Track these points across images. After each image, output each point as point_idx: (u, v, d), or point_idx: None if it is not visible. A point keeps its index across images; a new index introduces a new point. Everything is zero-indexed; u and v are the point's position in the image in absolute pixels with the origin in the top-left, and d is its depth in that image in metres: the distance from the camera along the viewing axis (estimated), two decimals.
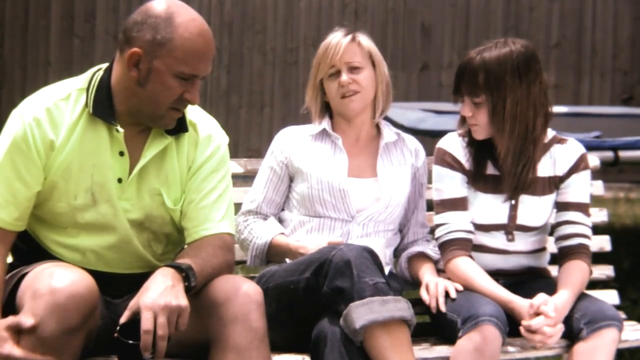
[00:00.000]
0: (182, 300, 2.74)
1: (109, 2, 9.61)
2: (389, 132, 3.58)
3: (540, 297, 3.26)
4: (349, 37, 3.51)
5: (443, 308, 3.29)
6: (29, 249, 3.02)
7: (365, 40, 3.53)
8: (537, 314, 3.23)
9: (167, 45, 2.85)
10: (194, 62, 2.87)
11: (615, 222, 7.60)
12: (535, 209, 3.46)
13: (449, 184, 3.46)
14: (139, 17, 2.89)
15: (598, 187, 3.90)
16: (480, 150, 3.47)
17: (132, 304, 2.75)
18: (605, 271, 3.88)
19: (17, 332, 2.71)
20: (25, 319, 2.70)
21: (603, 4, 9.67)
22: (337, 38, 3.51)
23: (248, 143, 9.56)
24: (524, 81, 3.35)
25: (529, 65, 3.37)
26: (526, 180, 3.41)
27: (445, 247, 3.44)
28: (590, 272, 3.44)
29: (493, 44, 3.40)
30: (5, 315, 2.82)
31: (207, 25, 2.93)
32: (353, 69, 3.48)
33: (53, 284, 2.73)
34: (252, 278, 3.29)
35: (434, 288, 3.35)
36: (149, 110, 2.92)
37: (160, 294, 2.73)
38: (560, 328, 3.23)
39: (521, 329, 3.22)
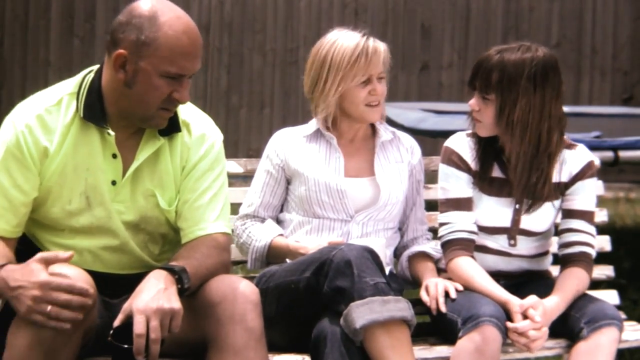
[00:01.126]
0: (175, 303, 2.73)
1: (109, 2, 9.59)
2: (384, 131, 3.56)
3: (531, 299, 3.26)
4: (382, 44, 3.44)
5: (443, 308, 3.28)
6: (26, 249, 3.00)
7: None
8: (526, 316, 3.23)
9: (151, 45, 2.82)
10: (179, 61, 2.84)
11: (615, 222, 7.59)
12: (539, 215, 3.44)
13: (455, 183, 3.45)
14: (124, 18, 2.87)
15: (598, 187, 3.89)
16: (486, 151, 3.45)
17: (125, 307, 2.74)
18: (605, 271, 3.87)
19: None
20: (62, 253, 2.71)
21: (603, 4, 9.66)
22: (371, 43, 3.41)
23: (248, 143, 9.55)
24: (538, 90, 3.30)
25: (546, 75, 3.32)
26: (542, 193, 3.38)
27: (448, 246, 3.43)
28: (590, 280, 3.43)
29: (517, 46, 3.34)
30: (4, 315, 2.82)
31: (193, 23, 2.89)
32: (381, 78, 3.45)
33: None
34: (252, 278, 3.29)
35: (434, 289, 3.34)
36: (138, 111, 2.90)
37: (153, 297, 2.71)
38: (545, 332, 3.23)
39: (507, 324, 3.22)
